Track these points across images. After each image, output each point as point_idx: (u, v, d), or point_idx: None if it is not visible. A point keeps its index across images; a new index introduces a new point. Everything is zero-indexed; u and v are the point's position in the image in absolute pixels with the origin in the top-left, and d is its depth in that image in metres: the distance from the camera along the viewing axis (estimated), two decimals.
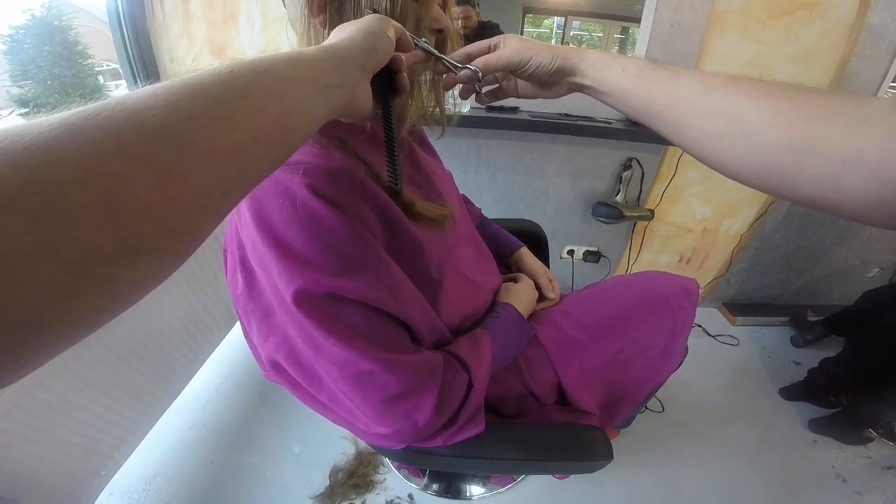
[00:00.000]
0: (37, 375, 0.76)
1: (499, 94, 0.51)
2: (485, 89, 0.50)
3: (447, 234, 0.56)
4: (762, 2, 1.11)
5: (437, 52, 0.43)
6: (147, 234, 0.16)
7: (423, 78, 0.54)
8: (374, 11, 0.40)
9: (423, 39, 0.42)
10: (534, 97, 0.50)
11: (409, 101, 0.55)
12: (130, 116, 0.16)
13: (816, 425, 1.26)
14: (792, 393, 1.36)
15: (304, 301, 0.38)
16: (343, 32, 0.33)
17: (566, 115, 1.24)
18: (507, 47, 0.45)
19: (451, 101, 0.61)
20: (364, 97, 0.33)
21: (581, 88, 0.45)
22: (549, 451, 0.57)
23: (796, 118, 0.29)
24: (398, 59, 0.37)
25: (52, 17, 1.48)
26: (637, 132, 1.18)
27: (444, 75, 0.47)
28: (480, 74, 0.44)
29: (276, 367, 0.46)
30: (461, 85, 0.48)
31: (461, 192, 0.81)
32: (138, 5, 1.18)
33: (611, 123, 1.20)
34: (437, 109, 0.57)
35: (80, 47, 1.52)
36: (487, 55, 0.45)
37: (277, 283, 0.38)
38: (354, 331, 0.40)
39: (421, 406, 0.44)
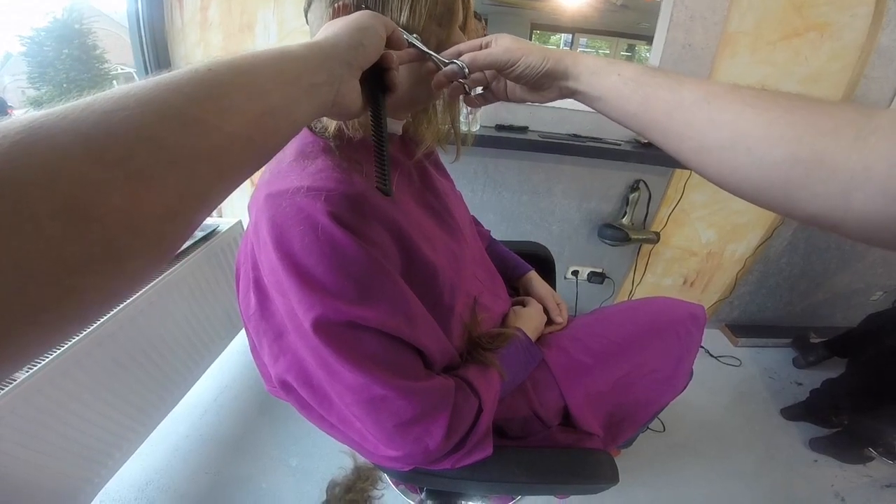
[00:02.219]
0: (35, 382, 0.75)
1: (488, 96, 0.50)
2: (474, 91, 0.48)
3: (459, 258, 0.56)
4: (773, 23, 1.13)
5: (426, 48, 0.42)
6: (117, 241, 0.16)
7: (440, 100, 0.55)
8: None
9: (415, 36, 0.41)
10: (523, 101, 0.47)
11: (425, 124, 0.55)
12: (101, 118, 0.16)
13: (817, 445, 1.26)
14: (793, 413, 1.37)
15: (323, 328, 0.38)
16: (331, 29, 0.32)
17: (575, 135, 1.25)
18: (498, 46, 0.43)
19: (463, 120, 0.61)
20: (352, 95, 0.32)
21: (573, 94, 0.43)
22: (556, 474, 0.57)
23: (802, 130, 0.27)
24: (389, 57, 0.36)
25: (73, 20, 1.50)
26: (645, 154, 1.19)
27: (436, 75, 0.45)
28: (467, 71, 0.42)
29: (285, 386, 0.45)
30: (453, 89, 0.46)
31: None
32: (157, 10, 1.20)
33: (619, 145, 1.21)
34: (453, 131, 0.57)
35: (97, 51, 1.54)
36: (476, 52, 0.43)
37: (296, 309, 0.38)
38: (371, 357, 0.40)
39: (432, 431, 0.44)
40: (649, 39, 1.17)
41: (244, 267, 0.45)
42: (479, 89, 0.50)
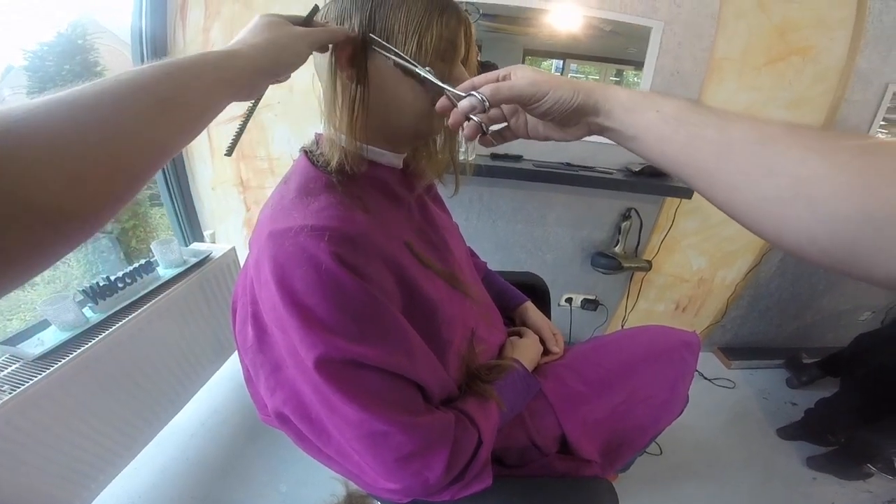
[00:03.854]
0: (17, 405, 0.74)
1: (507, 134, 0.44)
2: (491, 129, 0.42)
3: (456, 291, 0.56)
4: (758, 49, 1.16)
5: (440, 82, 0.41)
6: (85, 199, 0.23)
7: (440, 136, 0.56)
8: (397, 66, 0.42)
9: (427, 69, 0.41)
10: (546, 139, 0.43)
11: (426, 158, 0.56)
12: (93, 107, 0.24)
13: (815, 463, 1.26)
14: (790, 433, 1.37)
15: (325, 366, 0.38)
16: (258, 38, 0.38)
17: (568, 164, 1.28)
18: (521, 78, 0.38)
19: (461, 151, 0.62)
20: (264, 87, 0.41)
21: (603, 131, 0.38)
22: (556, 503, 0.56)
23: (875, 180, 0.22)
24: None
25: (77, 35, 1.49)
26: (636, 183, 1.21)
27: (452, 113, 0.41)
28: (487, 104, 0.38)
29: (282, 418, 0.45)
30: (470, 128, 0.40)
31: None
32: (161, 29, 1.20)
33: (611, 174, 1.24)
34: (452, 166, 0.58)
35: (98, 68, 1.53)
36: (498, 84, 0.38)
37: (298, 347, 0.38)
38: (372, 394, 0.40)
39: (432, 464, 0.43)
40: (637, 64, 1.20)
41: (242, 300, 0.45)
42: (495, 127, 0.45)
